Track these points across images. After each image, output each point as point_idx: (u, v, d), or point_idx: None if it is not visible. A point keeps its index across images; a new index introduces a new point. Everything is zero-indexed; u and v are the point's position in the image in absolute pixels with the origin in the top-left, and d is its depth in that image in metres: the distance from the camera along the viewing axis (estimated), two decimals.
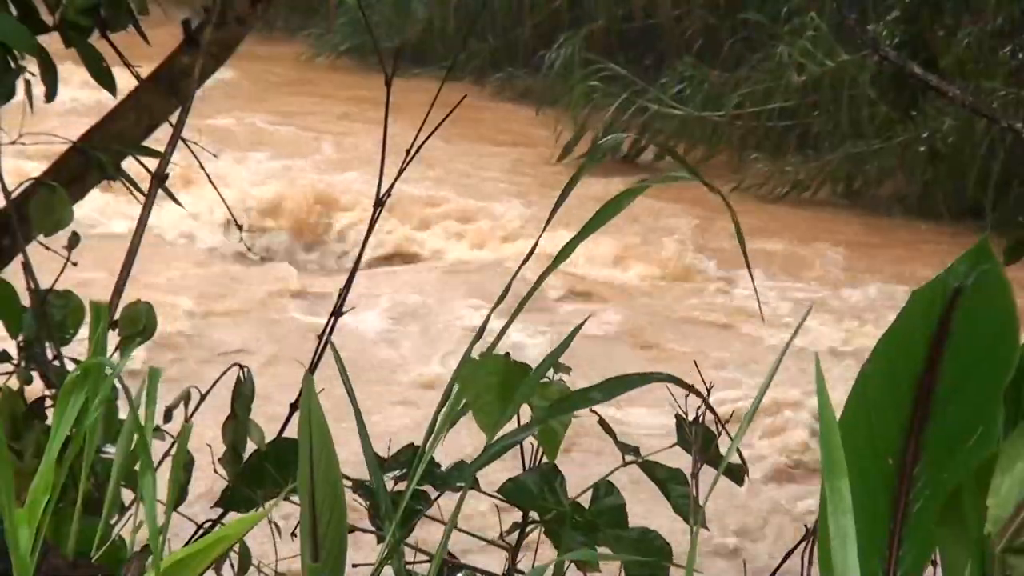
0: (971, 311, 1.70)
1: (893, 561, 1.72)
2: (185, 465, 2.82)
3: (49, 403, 2.97)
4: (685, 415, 2.67)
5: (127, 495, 2.60)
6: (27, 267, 3.16)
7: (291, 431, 2.61)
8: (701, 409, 2.66)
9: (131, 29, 3.39)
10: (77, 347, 2.88)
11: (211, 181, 3.95)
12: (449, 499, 2.54)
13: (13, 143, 3.44)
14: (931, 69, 10.47)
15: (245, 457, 2.93)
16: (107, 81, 3.37)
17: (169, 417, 2.82)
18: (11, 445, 2.82)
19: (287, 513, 2.36)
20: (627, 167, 14.88)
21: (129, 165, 3.47)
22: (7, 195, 3.28)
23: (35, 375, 3.03)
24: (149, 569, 2.00)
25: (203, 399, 2.86)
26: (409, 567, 2.59)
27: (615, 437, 2.79)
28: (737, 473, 2.77)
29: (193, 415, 2.76)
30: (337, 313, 3.09)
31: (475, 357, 2.16)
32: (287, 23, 20.12)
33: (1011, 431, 1.74)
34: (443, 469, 2.71)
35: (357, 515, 2.60)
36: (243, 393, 2.93)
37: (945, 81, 6.20)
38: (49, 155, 3.53)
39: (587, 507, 2.69)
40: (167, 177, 3.27)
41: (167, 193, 3.35)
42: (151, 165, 3.33)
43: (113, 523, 2.51)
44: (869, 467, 1.72)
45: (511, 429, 2.10)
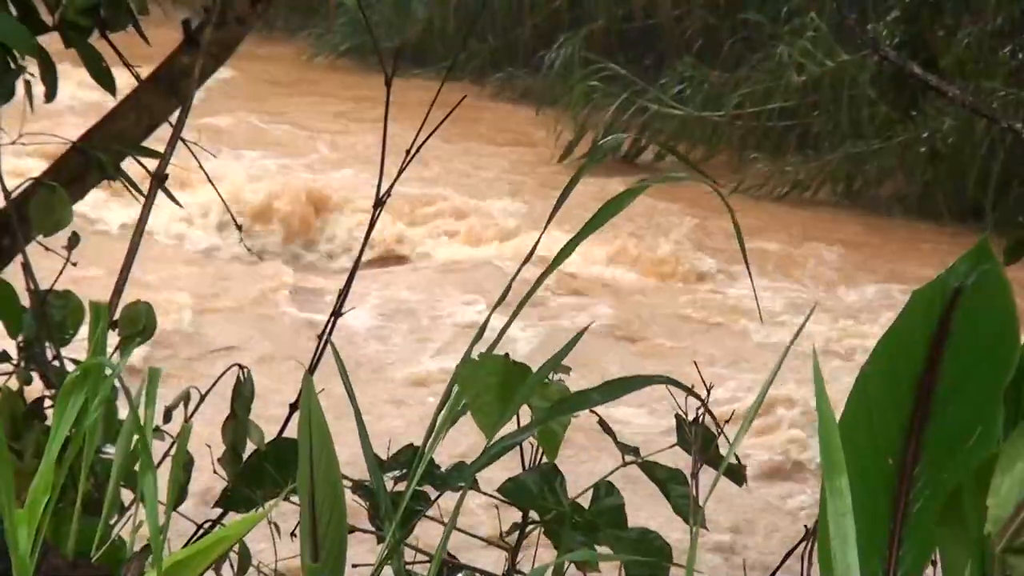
0: (971, 311, 1.70)
1: (893, 561, 1.72)
2: (185, 465, 2.82)
3: (49, 403, 2.97)
4: (686, 415, 2.67)
5: (127, 495, 2.60)
6: (27, 267, 3.16)
7: (291, 431, 2.61)
8: (699, 409, 2.66)
9: (131, 29, 3.39)
10: (77, 347, 2.88)
11: (211, 182, 3.94)
12: (449, 499, 2.53)
13: (13, 143, 3.44)
14: (931, 69, 10.48)
15: (244, 457, 2.93)
16: (107, 81, 3.37)
17: (169, 417, 2.82)
18: (11, 445, 2.82)
19: (284, 511, 2.36)
20: (627, 167, 14.88)
21: (128, 165, 3.47)
22: (7, 195, 3.28)
23: (35, 375, 3.03)
24: (149, 569, 2.00)
25: (203, 399, 2.86)
26: (409, 567, 2.59)
27: (615, 437, 2.79)
28: (737, 473, 2.77)
29: (193, 415, 2.76)
30: (337, 313, 3.09)
31: (474, 357, 2.16)
32: (287, 23, 20.11)
33: (1011, 431, 1.74)
34: (443, 470, 2.71)
35: (357, 515, 2.60)
36: (243, 393, 2.93)
37: (945, 81, 6.21)
38: (45, 153, 3.52)
39: (587, 507, 2.68)
40: (167, 177, 3.27)
41: (167, 193, 3.34)
42: (151, 165, 3.32)
43: (113, 523, 2.51)
44: (869, 467, 1.72)
45: (510, 429, 2.10)
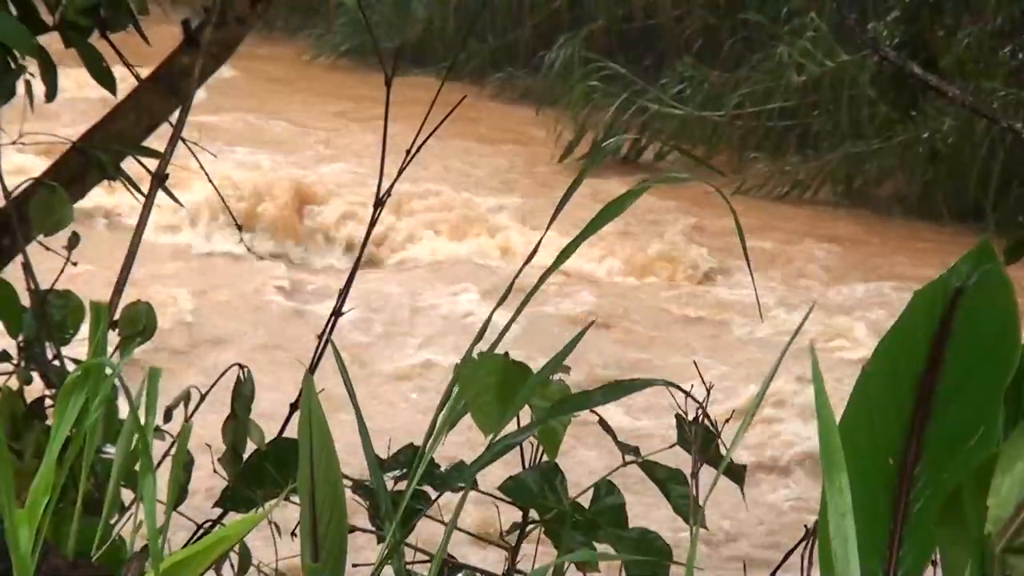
0: (972, 311, 1.70)
1: (893, 561, 1.72)
2: (185, 465, 2.82)
3: (49, 403, 2.97)
4: (685, 415, 2.66)
5: (127, 495, 2.60)
6: (27, 267, 3.16)
7: (291, 431, 2.61)
8: (695, 408, 2.66)
9: (131, 29, 3.39)
10: (77, 347, 2.88)
11: (211, 182, 3.95)
12: (449, 498, 2.53)
13: (13, 143, 3.44)
14: (931, 69, 10.47)
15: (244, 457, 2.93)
16: (107, 81, 3.37)
17: (169, 417, 2.82)
18: (11, 445, 2.82)
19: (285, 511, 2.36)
20: (626, 167, 14.89)
21: (128, 165, 3.47)
22: (7, 195, 3.28)
23: (35, 375, 3.03)
24: (149, 569, 2.00)
25: (203, 399, 2.86)
26: (409, 567, 2.59)
27: (615, 437, 2.79)
28: (737, 473, 2.77)
29: (193, 414, 2.76)
30: (337, 313, 3.09)
31: (474, 357, 2.16)
32: (287, 23, 20.11)
33: (1011, 431, 1.74)
34: (443, 469, 2.71)
35: (357, 514, 2.60)
36: (243, 393, 2.93)
37: (945, 81, 6.20)
38: (41, 149, 3.52)
39: (587, 506, 2.68)
40: (167, 177, 3.27)
41: (167, 193, 3.34)
42: (150, 164, 3.32)
43: (113, 523, 2.51)
44: (870, 467, 1.72)
45: (509, 428, 2.10)
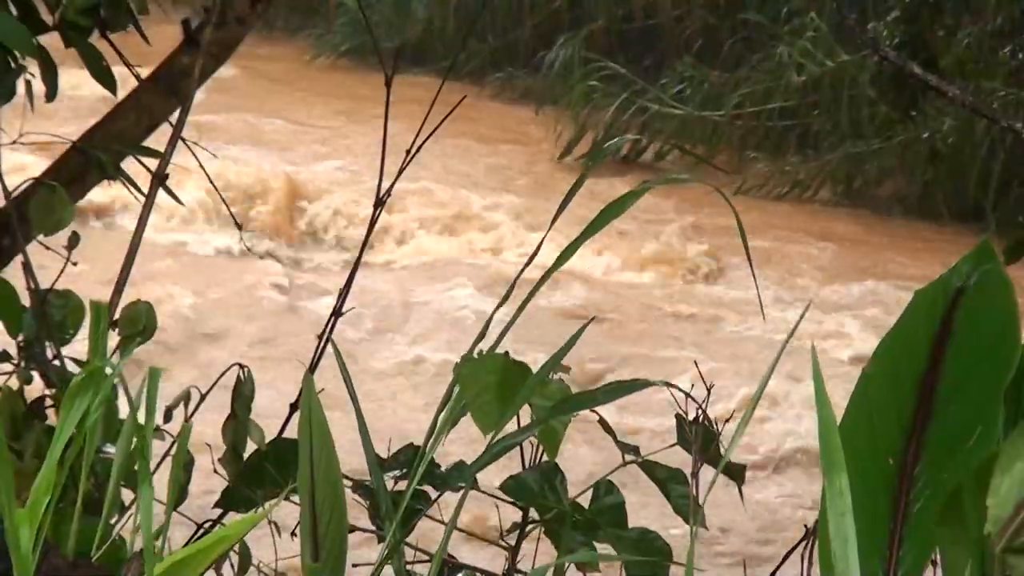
0: (973, 311, 1.70)
1: (893, 561, 1.72)
2: (185, 465, 2.82)
3: (49, 403, 2.97)
4: (686, 415, 2.66)
5: (127, 495, 2.60)
6: (27, 267, 3.16)
7: (291, 431, 2.61)
8: (685, 403, 2.66)
9: (131, 29, 3.39)
10: (77, 347, 2.88)
11: (212, 182, 3.95)
12: (449, 497, 2.53)
13: (13, 143, 3.44)
14: (931, 69, 10.47)
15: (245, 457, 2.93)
16: (107, 81, 3.37)
17: (169, 417, 2.82)
18: (11, 445, 2.82)
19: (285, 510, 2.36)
20: (626, 167, 14.88)
21: (126, 164, 3.47)
22: (7, 195, 3.28)
23: (35, 375, 3.03)
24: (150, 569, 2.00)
25: (203, 399, 2.86)
26: (409, 567, 2.59)
27: (615, 437, 2.79)
28: (737, 472, 2.77)
29: (193, 414, 2.76)
30: (337, 312, 3.09)
31: (471, 356, 2.16)
32: (287, 23, 20.10)
33: (1011, 431, 1.74)
34: (443, 469, 2.71)
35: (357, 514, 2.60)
36: (243, 393, 2.93)
37: (945, 81, 6.20)
38: (36, 147, 3.52)
39: (587, 506, 2.68)
40: (167, 177, 3.27)
41: (168, 192, 3.34)
42: (150, 165, 3.32)
43: (113, 523, 2.51)
44: (870, 467, 1.72)
45: (509, 427, 2.10)
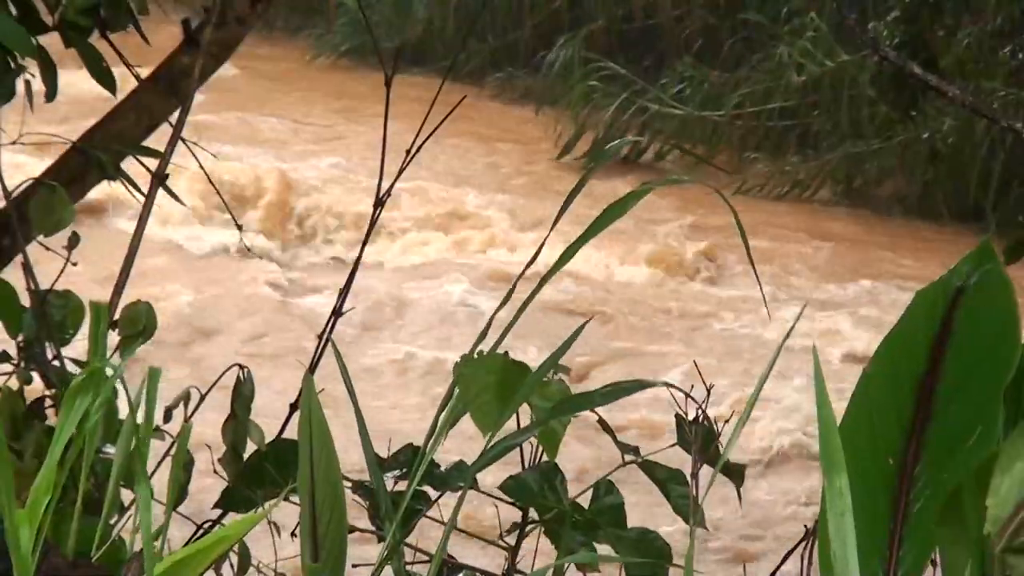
0: (973, 311, 1.70)
1: (893, 561, 1.72)
2: (185, 465, 2.82)
3: (49, 403, 2.97)
4: (685, 413, 2.66)
5: (127, 495, 2.60)
6: (27, 267, 3.16)
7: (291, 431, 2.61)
8: (699, 409, 2.66)
9: (131, 29, 3.39)
10: (77, 347, 2.87)
11: (212, 183, 3.95)
12: (450, 497, 2.53)
13: (13, 143, 3.43)
14: (931, 69, 10.47)
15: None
16: (107, 81, 3.37)
17: (169, 417, 2.82)
18: (11, 445, 2.82)
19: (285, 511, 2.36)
20: (626, 167, 14.88)
21: (127, 164, 3.47)
22: (7, 195, 3.28)
23: (35, 375, 3.03)
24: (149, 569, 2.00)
25: (203, 399, 2.85)
26: (409, 567, 2.59)
27: (615, 437, 2.79)
28: (736, 472, 2.77)
29: (193, 414, 2.76)
30: (337, 313, 3.09)
31: (468, 357, 2.16)
32: (287, 23, 20.10)
33: (1011, 431, 1.74)
34: (443, 469, 2.71)
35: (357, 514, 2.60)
36: (243, 393, 2.93)
37: (945, 81, 6.20)
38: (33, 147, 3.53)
39: (587, 506, 2.68)
40: (167, 176, 3.27)
41: (168, 192, 3.34)
42: (149, 164, 3.33)
43: (113, 523, 2.51)
44: (870, 467, 1.72)
45: (509, 427, 2.10)
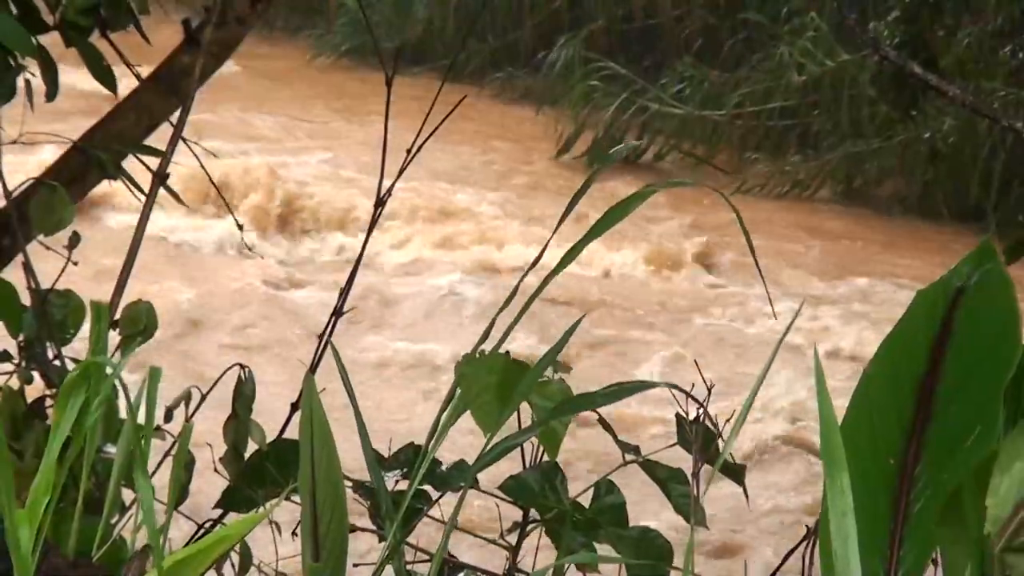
0: (973, 310, 1.70)
1: (894, 561, 1.72)
2: (186, 465, 2.82)
3: (49, 403, 2.97)
4: (686, 415, 2.66)
5: (128, 495, 2.60)
6: (27, 267, 3.16)
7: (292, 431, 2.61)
8: (700, 409, 2.66)
9: (131, 28, 3.39)
10: (77, 347, 2.88)
11: (212, 183, 3.95)
12: (452, 497, 2.53)
13: (13, 143, 3.44)
14: (931, 69, 10.45)
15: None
16: (108, 80, 3.37)
17: (170, 417, 2.82)
18: (11, 445, 2.82)
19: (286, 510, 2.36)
20: (627, 167, 14.88)
21: (126, 162, 3.47)
22: (7, 195, 3.28)
23: (36, 375, 3.03)
24: (150, 569, 2.00)
25: (203, 399, 2.86)
26: (409, 567, 2.59)
27: (615, 436, 2.79)
28: (737, 472, 2.77)
29: (194, 413, 2.76)
30: (337, 313, 3.09)
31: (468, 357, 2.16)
32: (287, 23, 20.11)
33: (1011, 431, 1.74)
34: (444, 468, 2.71)
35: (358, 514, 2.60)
36: (244, 393, 2.93)
37: (945, 81, 6.20)
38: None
39: (587, 506, 2.68)
40: (168, 176, 3.27)
41: (169, 191, 3.35)
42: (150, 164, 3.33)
43: (113, 523, 2.51)
44: (870, 467, 1.72)
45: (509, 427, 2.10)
